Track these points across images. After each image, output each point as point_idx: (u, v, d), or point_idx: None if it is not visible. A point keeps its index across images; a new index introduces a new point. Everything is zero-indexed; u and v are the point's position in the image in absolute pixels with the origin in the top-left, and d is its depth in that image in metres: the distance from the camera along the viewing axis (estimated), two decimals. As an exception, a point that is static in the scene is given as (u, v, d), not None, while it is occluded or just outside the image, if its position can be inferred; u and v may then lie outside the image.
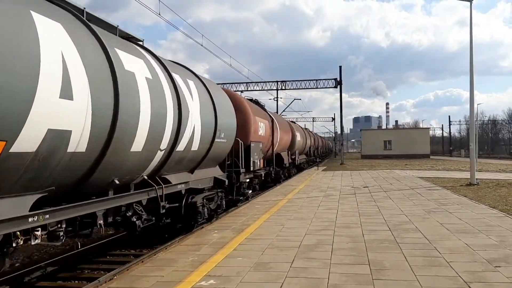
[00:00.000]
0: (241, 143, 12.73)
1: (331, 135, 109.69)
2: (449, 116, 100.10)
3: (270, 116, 18.78)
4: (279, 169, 21.68)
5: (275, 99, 48.86)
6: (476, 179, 18.75)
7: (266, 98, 58.08)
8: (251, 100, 17.96)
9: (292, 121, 32.72)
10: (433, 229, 8.75)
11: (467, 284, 5.28)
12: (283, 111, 47.86)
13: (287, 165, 24.34)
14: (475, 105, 27.29)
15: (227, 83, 44.52)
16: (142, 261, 6.92)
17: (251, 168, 13.90)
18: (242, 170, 13.08)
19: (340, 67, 44.12)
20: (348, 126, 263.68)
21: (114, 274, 6.41)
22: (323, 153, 67.83)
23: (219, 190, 11.16)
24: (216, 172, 11.12)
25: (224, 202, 11.56)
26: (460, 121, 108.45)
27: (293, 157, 26.79)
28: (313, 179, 23.34)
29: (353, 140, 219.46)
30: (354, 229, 8.91)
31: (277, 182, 21.50)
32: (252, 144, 13.87)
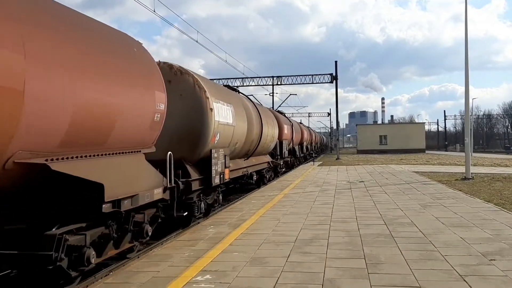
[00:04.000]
0: None
1: (327, 130, 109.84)
2: (444, 111, 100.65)
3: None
4: None
5: (271, 94, 48.88)
6: (471, 173, 18.83)
7: (262, 94, 58.24)
8: None
9: (233, 87, 16.39)
10: (429, 223, 8.78)
11: (462, 278, 5.30)
12: (279, 106, 47.81)
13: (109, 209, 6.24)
14: (470, 100, 27.37)
15: (223, 79, 44.49)
16: (138, 257, 6.90)
17: None
18: None
19: (336, 62, 44.25)
20: (343, 121, 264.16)
21: (110, 270, 6.40)
22: (316, 150, 53.97)
23: None
24: None
25: None
26: (455, 115, 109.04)
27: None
28: (309, 174, 23.35)
29: (348, 135, 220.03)
30: (349, 224, 8.93)
31: None
32: None
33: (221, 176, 10.84)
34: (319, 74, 45.46)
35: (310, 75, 45.79)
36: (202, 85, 9.92)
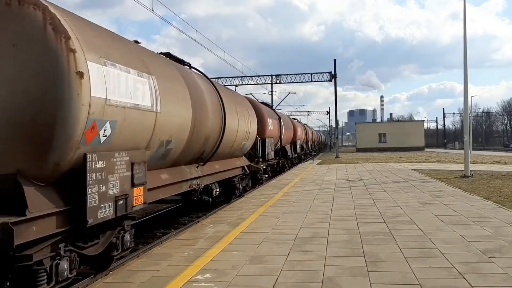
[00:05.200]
0: None
1: (326, 129, 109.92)
2: (443, 109, 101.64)
3: None
4: None
5: (270, 93, 48.87)
6: (470, 171, 18.84)
7: (261, 92, 58.35)
8: None
9: (181, 59, 10.56)
10: (428, 221, 8.78)
11: (461, 275, 5.30)
12: (278, 104, 47.81)
13: None
14: (469, 98, 27.36)
15: (222, 77, 44.46)
16: (138, 256, 6.91)
17: None
18: None
19: (335, 60, 44.13)
20: (343, 119, 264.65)
21: (110, 269, 6.40)
22: (313, 149, 51.03)
23: None
24: None
25: None
26: (454, 113, 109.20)
27: None
28: (309, 173, 23.36)
29: (348, 134, 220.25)
30: (349, 222, 8.93)
31: None
32: None
33: (120, 202, 5.85)
34: (318, 73, 45.43)
35: (309, 73, 45.74)
36: (61, 26, 4.95)
